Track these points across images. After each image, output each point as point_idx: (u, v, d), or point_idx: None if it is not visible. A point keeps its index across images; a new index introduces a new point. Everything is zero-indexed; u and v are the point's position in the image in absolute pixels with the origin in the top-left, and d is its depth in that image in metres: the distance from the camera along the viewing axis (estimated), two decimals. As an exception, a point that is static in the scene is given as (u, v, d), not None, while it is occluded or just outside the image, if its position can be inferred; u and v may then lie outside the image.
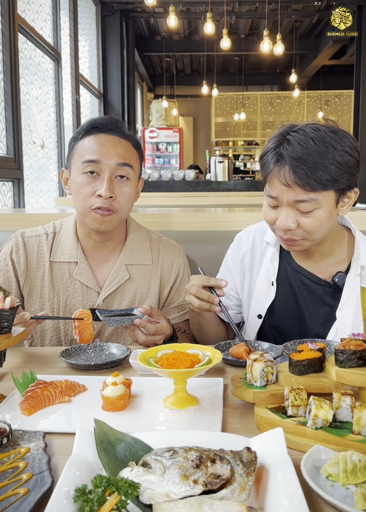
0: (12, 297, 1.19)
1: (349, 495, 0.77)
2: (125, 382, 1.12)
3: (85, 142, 1.59)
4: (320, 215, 1.40)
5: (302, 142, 1.35)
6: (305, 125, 1.40)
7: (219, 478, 0.75)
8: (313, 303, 1.59)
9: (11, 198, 4.73)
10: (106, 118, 1.64)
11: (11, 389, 1.20)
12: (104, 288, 1.66)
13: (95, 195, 1.56)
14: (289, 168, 1.35)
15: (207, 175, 10.57)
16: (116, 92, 9.33)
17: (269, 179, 1.42)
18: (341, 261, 1.58)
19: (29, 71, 5.22)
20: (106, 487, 0.72)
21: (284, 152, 1.37)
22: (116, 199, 1.58)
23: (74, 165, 1.61)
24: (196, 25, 11.36)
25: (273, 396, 1.07)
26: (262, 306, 1.63)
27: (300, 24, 11.44)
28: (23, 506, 0.74)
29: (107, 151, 1.56)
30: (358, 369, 1.02)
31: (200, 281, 1.39)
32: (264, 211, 1.50)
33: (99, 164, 1.56)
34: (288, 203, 1.39)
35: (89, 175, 1.57)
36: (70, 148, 1.65)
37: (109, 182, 1.56)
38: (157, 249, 1.77)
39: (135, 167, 1.63)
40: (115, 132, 1.61)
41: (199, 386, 1.20)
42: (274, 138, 1.43)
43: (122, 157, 1.58)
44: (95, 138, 1.59)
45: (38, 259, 1.68)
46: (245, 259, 1.70)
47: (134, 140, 1.66)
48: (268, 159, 1.41)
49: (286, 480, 0.76)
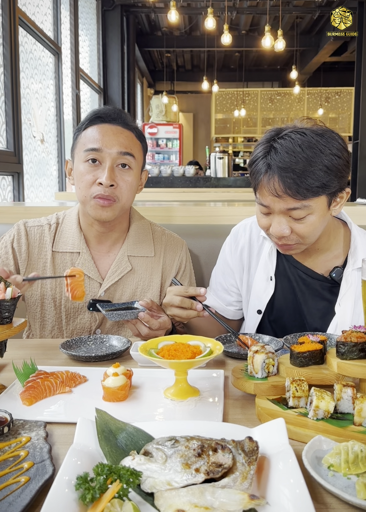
0: (13, 288, 1.19)
1: (351, 485, 0.77)
2: (126, 373, 1.12)
3: (88, 131, 1.60)
4: (313, 220, 1.39)
5: (289, 151, 1.32)
6: (292, 131, 1.37)
7: (220, 466, 0.75)
8: (311, 297, 1.59)
9: (11, 192, 4.71)
10: (109, 108, 1.64)
11: (12, 379, 1.20)
12: (106, 279, 1.66)
13: (96, 183, 1.56)
14: (278, 178, 1.33)
15: (207, 171, 10.55)
16: (117, 87, 9.30)
17: (259, 188, 1.40)
18: (338, 255, 1.58)
19: (29, 65, 5.20)
20: (108, 475, 0.72)
21: (271, 162, 1.34)
22: (117, 187, 1.57)
23: (77, 154, 1.62)
24: (196, 21, 11.31)
25: (274, 387, 1.07)
26: (261, 301, 1.63)
27: (301, 21, 11.40)
28: (25, 494, 0.74)
29: (109, 140, 1.57)
30: (359, 361, 1.02)
31: (179, 292, 1.39)
32: (257, 217, 1.49)
33: (100, 153, 1.56)
34: (280, 211, 1.39)
35: (90, 163, 1.57)
36: (74, 139, 1.65)
37: (110, 170, 1.55)
38: (160, 242, 1.77)
39: (137, 157, 1.63)
40: (118, 122, 1.61)
41: (199, 377, 1.20)
42: (261, 146, 1.40)
43: (124, 146, 1.58)
44: (98, 127, 1.59)
45: (40, 249, 1.68)
46: (243, 254, 1.69)
47: (137, 131, 1.66)
48: (257, 168, 1.39)
49: (287, 470, 0.76)
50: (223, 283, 1.73)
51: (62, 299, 1.67)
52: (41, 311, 1.68)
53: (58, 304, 1.67)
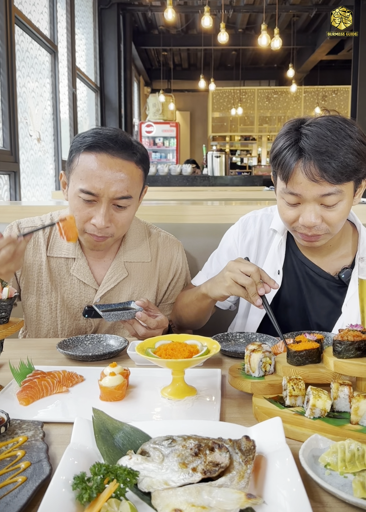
0: (9, 287, 1.18)
1: (347, 484, 0.77)
2: (123, 372, 1.12)
3: (86, 160, 1.49)
4: (343, 207, 1.40)
5: (320, 135, 1.33)
6: (315, 118, 1.39)
7: (217, 466, 0.75)
8: (317, 295, 1.59)
9: (8, 191, 4.70)
10: (110, 136, 1.51)
11: (8, 379, 1.20)
12: (102, 285, 1.64)
13: (91, 222, 1.52)
14: (314, 162, 1.33)
15: (204, 170, 10.55)
16: (113, 86, 9.28)
17: (291, 177, 1.37)
18: (345, 256, 1.59)
19: (25, 63, 5.18)
20: (105, 475, 0.72)
21: (306, 147, 1.34)
22: (112, 225, 1.53)
23: (72, 181, 1.53)
24: (193, 19, 11.32)
25: (271, 386, 1.07)
26: (268, 295, 1.62)
27: (298, 19, 11.41)
28: (22, 494, 0.74)
29: (106, 181, 1.47)
30: (356, 360, 1.02)
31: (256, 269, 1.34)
32: (282, 210, 1.47)
33: (96, 196, 1.49)
34: (313, 198, 1.37)
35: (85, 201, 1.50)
36: (70, 158, 1.55)
37: (106, 213, 1.50)
38: (156, 245, 1.75)
39: (136, 193, 1.57)
40: (119, 153, 1.50)
41: (196, 376, 1.20)
42: (285, 136, 1.40)
43: (122, 189, 1.49)
44: (97, 159, 1.48)
45: (35, 251, 1.66)
46: (251, 245, 1.68)
47: (139, 154, 1.55)
48: (286, 157, 1.37)
49: (284, 468, 0.76)
50: (220, 269, 1.71)
51: (57, 304, 1.65)
52: (37, 314, 1.67)
53: (54, 308, 1.66)
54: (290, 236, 1.64)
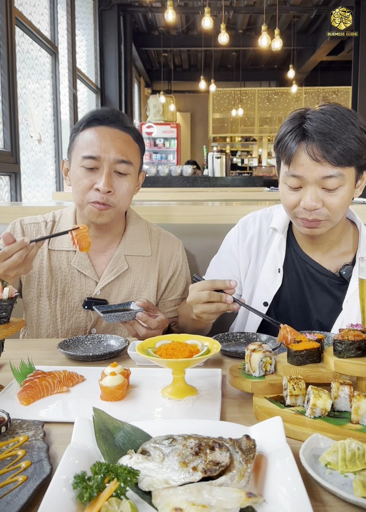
0: (10, 287, 1.19)
1: (348, 483, 0.77)
2: (123, 372, 1.12)
3: (85, 134, 1.58)
4: (344, 193, 1.41)
5: (324, 119, 1.37)
6: (320, 106, 1.43)
7: (218, 465, 0.75)
8: (318, 292, 1.59)
9: (8, 192, 4.71)
10: (107, 110, 1.62)
11: (9, 379, 1.20)
12: (103, 277, 1.66)
13: (93, 189, 1.56)
14: (316, 143, 1.36)
15: (205, 171, 10.55)
16: (114, 87, 9.29)
17: (294, 158, 1.40)
18: (346, 253, 1.60)
19: (26, 65, 5.19)
20: (105, 474, 0.72)
21: (309, 128, 1.38)
22: (114, 193, 1.57)
23: (74, 157, 1.60)
24: (193, 20, 11.31)
25: (272, 386, 1.07)
26: (268, 293, 1.62)
27: (298, 20, 11.42)
28: (22, 493, 0.74)
29: (106, 146, 1.55)
30: (356, 359, 1.02)
31: (205, 287, 1.32)
32: (284, 195, 1.49)
33: (98, 160, 1.55)
34: (315, 180, 1.39)
35: (87, 169, 1.56)
36: (71, 140, 1.64)
37: (108, 177, 1.55)
38: (156, 241, 1.77)
39: (135, 162, 1.62)
40: (116, 125, 1.59)
41: (197, 376, 1.20)
42: (289, 122, 1.44)
43: (121, 153, 1.56)
44: (96, 130, 1.57)
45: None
46: (252, 244, 1.68)
47: (135, 133, 1.65)
48: (289, 140, 1.41)
49: (285, 468, 0.76)
50: (223, 271, 1.72)
51: (57, 298, 1.67)
52: (37, 309, 1.68)
53: (53, 302, 1.67)
54: (290, 234, 1.65)
